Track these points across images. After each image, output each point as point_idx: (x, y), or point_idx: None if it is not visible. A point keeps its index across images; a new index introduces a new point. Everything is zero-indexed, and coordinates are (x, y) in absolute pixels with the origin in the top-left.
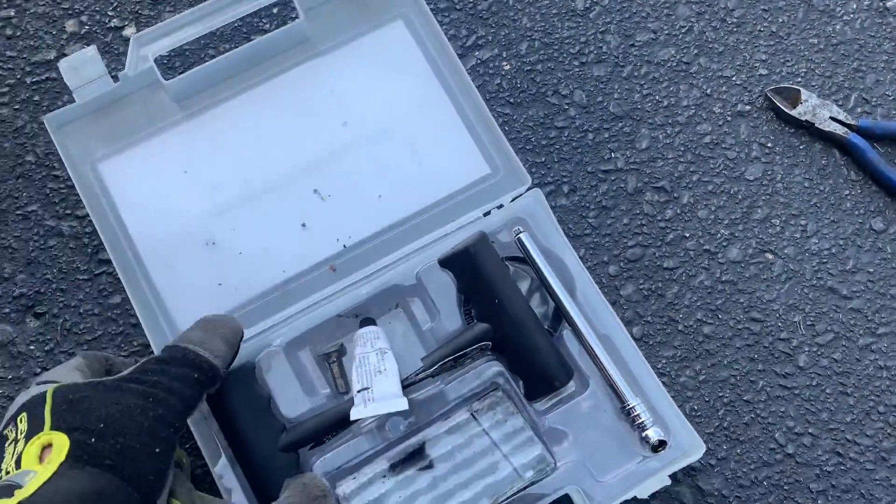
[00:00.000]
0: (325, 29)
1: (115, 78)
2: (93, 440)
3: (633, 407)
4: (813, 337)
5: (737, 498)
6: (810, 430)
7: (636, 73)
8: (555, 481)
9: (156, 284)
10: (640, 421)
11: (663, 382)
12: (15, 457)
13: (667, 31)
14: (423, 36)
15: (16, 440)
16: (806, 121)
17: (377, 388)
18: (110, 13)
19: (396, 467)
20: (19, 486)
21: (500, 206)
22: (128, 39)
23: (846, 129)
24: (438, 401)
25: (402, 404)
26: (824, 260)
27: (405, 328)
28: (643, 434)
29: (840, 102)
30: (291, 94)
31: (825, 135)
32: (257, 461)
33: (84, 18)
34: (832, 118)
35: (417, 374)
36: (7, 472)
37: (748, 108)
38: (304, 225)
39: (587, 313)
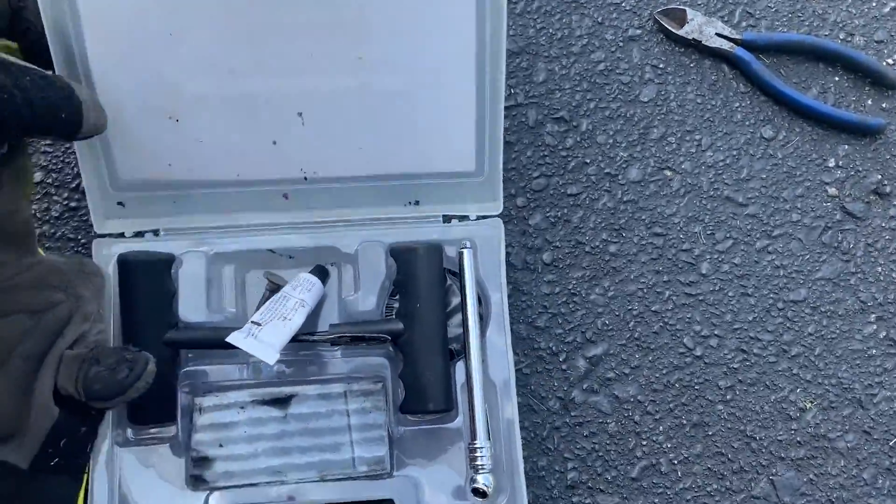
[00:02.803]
0: None
1: None
2: None
3: (478, 448)
4: (713, 245)
5: (651, 402)
6: (716, 332)
7: (528, 9)
8: (383, 486)
9: (108, 136)
10: (478, 464)
11: (574, 302)
12: None
13: None
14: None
15: None
16: (693, 39)
17: (266, 330)
18: None
19: (257, 404)
20: None
21: (464, 218)
22: None
23: (732, 44)
24: (321, 367)
25: (271, 358)
26: (720, 171)
27: (330, 287)
28: (473, 477)
29: (725, 18)
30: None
31: (713, 51)
32: (139, 344)
33: None
34: (718, 34)
35: (316, 335)
36: None
37: (639, 31)
38: (274, 142)
39: (486, 356)
